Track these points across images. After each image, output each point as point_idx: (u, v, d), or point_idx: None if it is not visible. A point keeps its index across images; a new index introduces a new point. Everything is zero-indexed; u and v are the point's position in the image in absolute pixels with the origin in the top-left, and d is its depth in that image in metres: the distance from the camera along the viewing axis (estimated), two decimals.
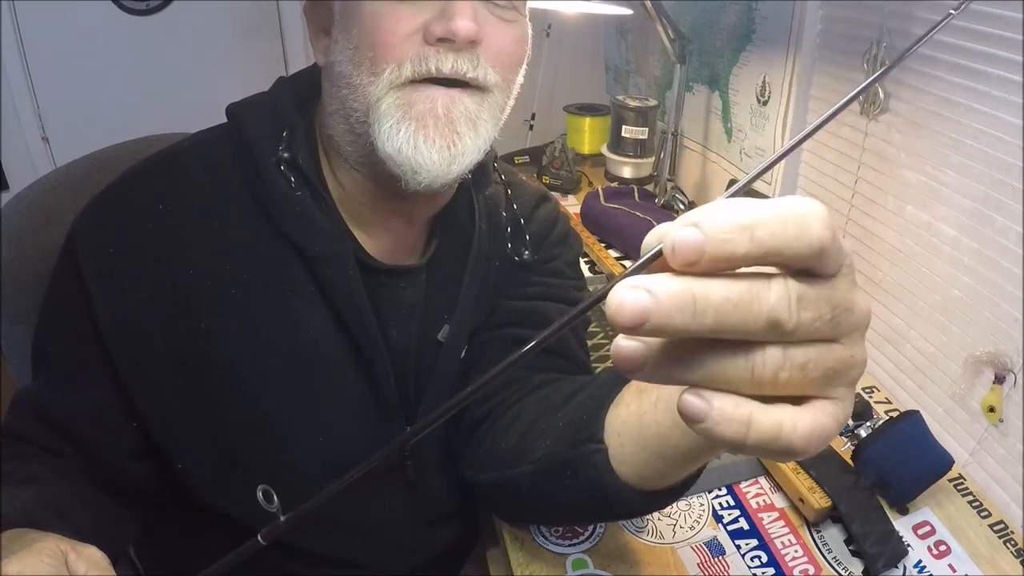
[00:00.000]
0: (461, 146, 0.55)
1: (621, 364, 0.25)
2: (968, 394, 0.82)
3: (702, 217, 0.22)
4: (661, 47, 1.39)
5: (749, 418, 0.24)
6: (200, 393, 0.59)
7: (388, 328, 0.65)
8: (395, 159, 0.54)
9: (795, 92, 1.15)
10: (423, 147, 0.54)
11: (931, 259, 0.88)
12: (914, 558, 0.71)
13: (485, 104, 0.56)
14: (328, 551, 0.67)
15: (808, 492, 0.73)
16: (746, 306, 0.22)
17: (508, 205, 0.73)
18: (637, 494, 0.50)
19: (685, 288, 0.22)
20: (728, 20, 1.33)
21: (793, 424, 0.24)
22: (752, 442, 0.24)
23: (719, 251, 0.22)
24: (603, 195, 1.40)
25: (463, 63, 0.53)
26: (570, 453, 0.53)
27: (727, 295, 0.22)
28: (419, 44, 0.53)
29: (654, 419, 0.45)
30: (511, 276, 0.72)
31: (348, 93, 0.56)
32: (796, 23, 1.12)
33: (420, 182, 0.55)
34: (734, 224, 0.22)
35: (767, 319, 0.22)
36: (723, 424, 0.24)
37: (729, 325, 0.22)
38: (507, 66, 0.57)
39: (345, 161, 0.61)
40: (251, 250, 0.60)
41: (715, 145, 1.45)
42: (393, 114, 0.54)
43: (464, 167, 0.56)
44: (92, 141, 0.93)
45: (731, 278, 0.23)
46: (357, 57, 0.54)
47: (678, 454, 0.45)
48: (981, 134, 0.79)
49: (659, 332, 0.23)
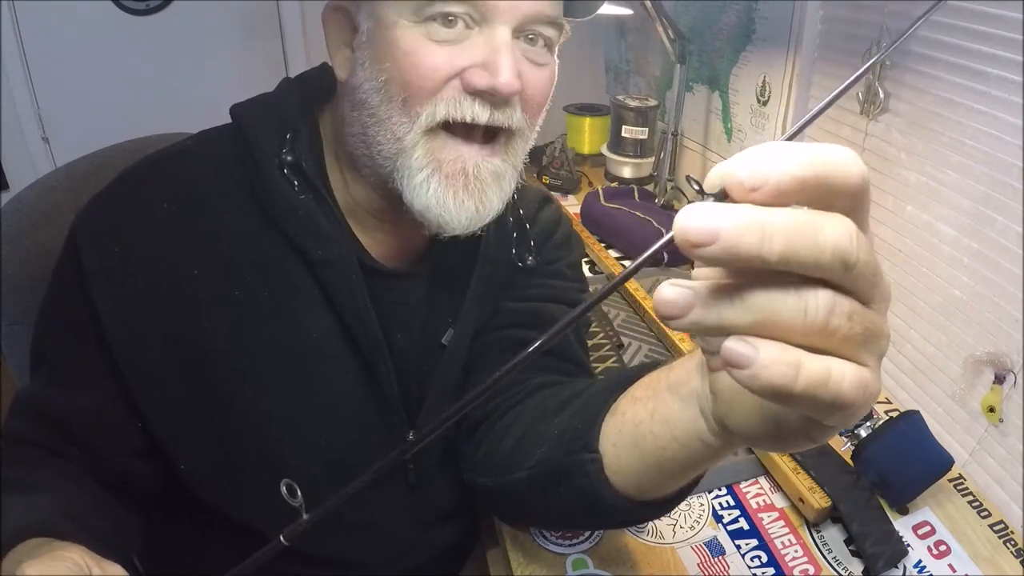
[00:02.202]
0: (488, 205, 0.57)
1: (666, 309, 0.25)
2: (968, 394, 0.82)
3: (767, 148, 0.23)
4: (661, 47, 1.39)
5: (798, 361, 0.23)
6: (201, 393, 0.59)
7: (390, 331, 0.65)
8: (423, 214, 0.56)
9: (795, 92, 1.15)
10: (452, 207, 0.55)
11: (931, 259, 0.88)
12: (914, 558, 0.71)
13: (509, 154, 0.58)
14: (328, 552, 0.67)
15: (808, 492, 0.73)
16: (811, 235, 0.23)
17: (514, 209, 0.73)
18: (632, 504, 0.50)
19: (753, 212, 0.23)
20: (728, 20, 1.33)
21: (841, 372, 0.24)
22: (801, 387, 0.23)
23: (783, 174, 0.22)
24: (603, 195, 1.40)
25: (500, 115, 0.54)
26: (564, 461, 0.52)
27: (793, 221, 0.23)
28: (457, 90, 0.53)
29: (650, 430, 0.44)
30: (513, 279, 0.73)
31: (373, 123, 0.56)
32: (796, 23, 1.12)
33: (445, 234, 0.57)
34: (798, 154, 0.23)
35: (833, 249, 0.23)
36: (771, 367, 0.23)
37: (798, 253, 0.23)
38: (536, 108, 0.58)
39: (360, 176, 0.61)
40: (253, 251, 0.59)
41: (715, 145, 1.45)
42: (423, 168, 0.54)
43: (489, 219, 0.58)
44: (92, 141, 0.93)
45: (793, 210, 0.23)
46: (388, 92, 0.54)
47: (675, 466, 0.44)
48: (981, 134, 0.79)
49: (725, 255, 0.22)
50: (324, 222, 0.59)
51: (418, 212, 0.56)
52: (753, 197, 0.23)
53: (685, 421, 0.41)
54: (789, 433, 0.32)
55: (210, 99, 0.68)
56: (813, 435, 0.31)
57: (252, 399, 0.60)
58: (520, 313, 0.71)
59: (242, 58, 1.87)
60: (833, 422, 0.28)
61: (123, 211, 0.59)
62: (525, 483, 0.58)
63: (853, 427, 0.77)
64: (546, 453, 0.55)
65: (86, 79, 1.78)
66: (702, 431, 0.40)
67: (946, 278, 0.85)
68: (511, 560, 0.69)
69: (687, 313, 0.24)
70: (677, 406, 0.42)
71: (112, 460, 0.60)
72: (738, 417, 0.35)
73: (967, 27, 0.78)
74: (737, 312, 0.24)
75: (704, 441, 0.40)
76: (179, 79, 1.82)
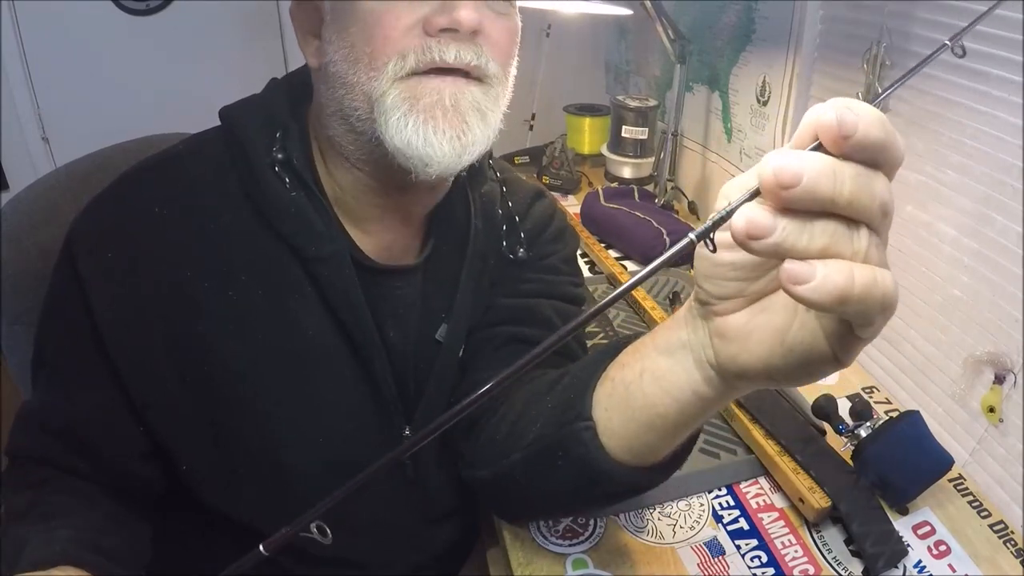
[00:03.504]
0: (471, 135, 0.55)
1: (752, 230, 0.28)
2: (968, 394, 0.82)
3: (852, 104, 0.27)
4: (661, 47, 1.39)
5: (851, 269, 0.28)
6: (200, 393, 0.59)
7: (385, 327, 0.65)
8: (405, 152, 0.54)
9: (795, 92, 1.15)
10: (433, 138, 0.54)
11: (931, 259, 0.88)
12: (914, 558, 0.71)
13: (490, 95, 0.57)
14: (327, 551, 0.67)
15: (808, 492, 0.73)
16: (869, 186, 0.28)
17: (503, 203, 0.73)
18: (627, 470, 0.50)
19: (829, 160, 0.28)
20: (728, 20, 1.33)
21: (882, 274, 0.30)
22: (859, 288, 0.28)
23: (868, 132, 0.27)
24: (603, 195, 1.40)
25: (466, 52, 0.53)
26: (559, 433, 0.53)
27: (856, 172, 0.28)
28: (420, 36, 0.53)
29: (640, 389, 0.46)
30: (506, 273, 0.73)
31: (345, 93, 0.56)
32: (796, 23, 1.12)
33: (431, 173, 0.55)
34: (875, 115, 0.28)
35: (881, 200, 0.29)
36: (833, 276, 0.28)
37: (860, 199, 0.28)
38: (504, 58, 0.58)
39: (346, 160, 0.61)
40: (248, 251, 0.60)
41: (715, 145, 1.45)
42: (400, 107, 0.53)
43: (474, 156, 0.56)
44: (92, 141, 0.93)
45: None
46: (354, 55, 0.54)
47: (667, 423, 0.45)
48: (981, 134, 0.79)
49: (804, 195, 0.27)
50: (316, 218, 0.60)
51: (399, 152, 0.54)
52: (837, 148, 0.28)
53: (677, 374, 0.43)
54: (816, 357, 0.35)
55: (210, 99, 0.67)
56: (841, 354, 0.34)
57: (250, 399, 0.60)
58: (513, 309, 0.71)
59: (242, 58, 1.87)
60: (868, 332, 0.32)
61: (119, 215, 0.59)
62: (522, 464, 0.58)
63: (853, 427, 0.77)
64: (540, 430, 0.56)
65: (86, 79, 1.78)
66: (696, 382, 0.42)
67: (946, 278, 0.85)
68: (511, 560, 0.69)
69: (770, 234, 0.28)
70: (667, 362, 0.44)
71: (114, 463, 0.60)
72: (754, 352, 0.37)
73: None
74: (807, 238, 0.28)
75: (697, 392, 0.42)
76: (179, 79, 1.82)
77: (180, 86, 1.81)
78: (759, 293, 0.37)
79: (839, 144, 0.27)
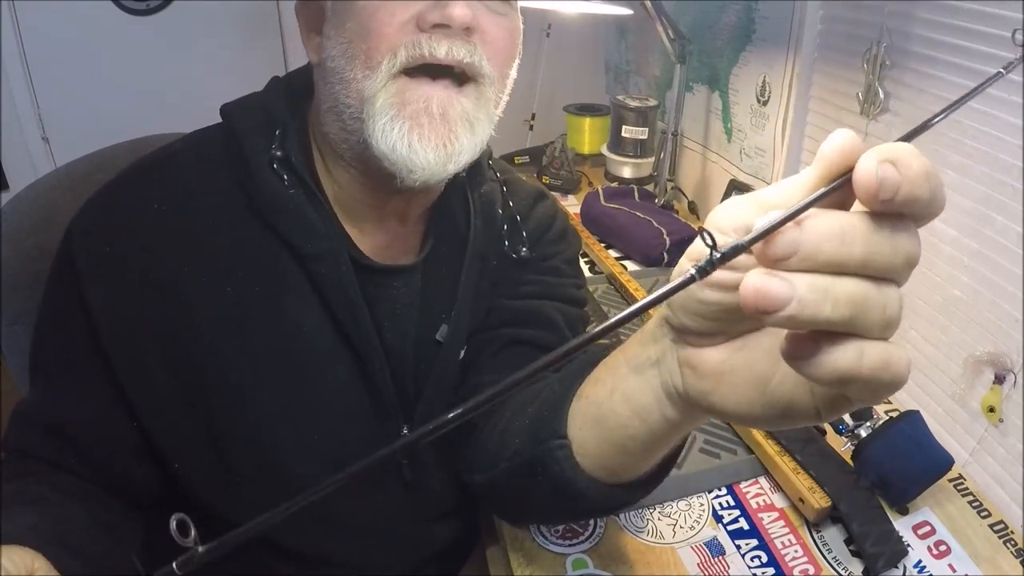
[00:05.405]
0: (457, 145, 0.55)
1: (763, 303, 0.25)
2: (968, 394, 0.82)
3: (899, 156, 0.23)
4: (661, 47, 1.39)
5: (860, 349, 0.25)
6: (195, 393, 0.59)
7: (383, 327, 0.65)
8: (390, 157, 0.54)
9: (795, 92, 1.15)
10: (418, 146, 0.54)
11: (931, 259, 0.88)
12: (914, 558, 0.71)
13: (481, 100, 0.56)
14: (326, 552, 0.67)
15: (808, 492, 0.73)
16: (889, 242, 0.25)
17: (504, 203, 0.73)
18: (604, 488, 0.49)
19: (834, 222, 0.24)
20: (728, 20, 1.33)
21: (898, 355, 0.26)
22: (866, 371, 0.25)
23: (910, 193, 0.24)
24: (603, 195, 1.40)
25: (458, 49, 0.53)
26: (536, 450, 0.52)
27: (873, 228, 0.25)
28: (413, 31, 0.53)
29: (611, 409, 0.44)
30: (508, 274, 0.72)
31: (341, 89, 0.56)
32: (796, 23, 1.12)
33: (415, 180, 0.55)
34: (921, 170, 0.24)
35: (906, 255, 0.25)
36: (836, 356, 0.25)
37: (875, 260, 0.25)
38: (501, 58, 0.57)
39: (340, 158, 0.61)
40: (245, 249, 0.60)
41: (715, 145, 1.45)
42: (387, 112, 0.54)
43: (460, 165, 0.56)
44: (92, 141, 0.93)
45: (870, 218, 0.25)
46: (351, 51, 0.55)
47: (637, 444, 0.44)
48: (981, 134, 0.79)
49: (805, 265, 0.24)
50: (314, 216, 0.60)
51: (384, 156, 0.54)
52: (872, 204, 0.24)
53: (645, 395, 0.41)
54: (798, 412, 0.32)
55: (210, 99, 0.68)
56: (826, 413, 0.31)
57: (247, 398, 0.60)
58: (515, 311, 0.71)
59: (242, 58, 1.87)
60: (866, 403, 0.29)
61: (116, 214, 0.59)
62: (506, 475, 0.57)
63: (853, 427, 0.77)
64: (519, 445, 0.55)
65: (86, 79, 1.78)
66: (664, 406, 0.40)
67: (946, 278, 0.85)
68: (511, 560, 0.69)
69: (786, 306, 0.24)
70: (635, 382, 0.41)
71: (108, 461, 0.60)
72: (729, 397, 0.34)
73: (967, 27, 0.78)
74: (829, 308, 0.25)
75: (666, 416, 0.40)
76: (179, 79, 1.83)
77: (180, 86, 1.81)
78: (742, 332, 0.34)
79: (870, 203, 0.24)
